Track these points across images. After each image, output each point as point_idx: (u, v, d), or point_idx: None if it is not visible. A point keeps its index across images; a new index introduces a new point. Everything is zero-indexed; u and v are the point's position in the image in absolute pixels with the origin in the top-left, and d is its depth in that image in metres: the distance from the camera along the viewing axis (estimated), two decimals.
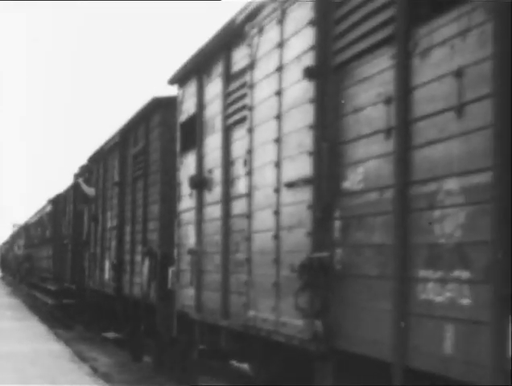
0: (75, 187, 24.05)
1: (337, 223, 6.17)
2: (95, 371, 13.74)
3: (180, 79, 10.95)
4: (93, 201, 19.74)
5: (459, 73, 4.69)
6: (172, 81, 11.29)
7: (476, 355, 4.44)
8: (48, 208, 32.44)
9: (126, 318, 15.59)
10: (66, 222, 26.61)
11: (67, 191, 26.43)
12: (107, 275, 16.86)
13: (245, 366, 9.84)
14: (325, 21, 6.36)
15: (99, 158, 18.88)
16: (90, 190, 19.95)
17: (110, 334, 17.39)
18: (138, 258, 13.85)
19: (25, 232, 49.20)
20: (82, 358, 15.39)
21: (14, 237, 61.89)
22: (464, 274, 4.60)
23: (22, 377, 12.25)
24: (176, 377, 12.64)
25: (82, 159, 20.90)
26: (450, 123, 4.77)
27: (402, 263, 5.20)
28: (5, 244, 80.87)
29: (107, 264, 16.90)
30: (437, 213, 4.88)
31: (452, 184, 4.75)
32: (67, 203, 26.34)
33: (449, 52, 4.81)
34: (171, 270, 11.63)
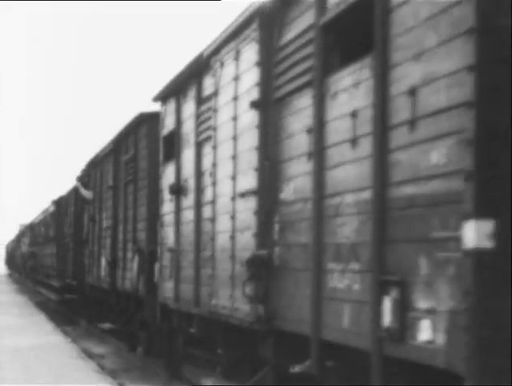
0: (76, 190, 25.51)
1: (276, 227, 7.65)
2: (102, 368, 14.74)
3: (162, 97, 12.43)
4: (92, 203, 21.22)
5: (354, 114, 6.15)
6: (156, 99, 12.76)
7: (363, 327, 5.90)
8: (52, 209, 33.92)
9: (120, 310, 17.07)
10: (68, 222, 28.08)
11: (68, 194, 27.90)
12: (103, 271, 18.35)
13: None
14: (267, 63, 7.83)
15: (96, 163, 20.36)
16: (88, 194, 21.42)
17: (106, 326, 18.90)
18: (130, 255, 15.33)
19: (30, 231, 50.71)
20: (88, 354, 16.47)
21: (20, 236, 63.41)
22: (356, 266, 6.06)
23: (30, 374, 13.27)
24: (164, 365, 14.03)
25: (84, 160, 22.25)
26: (347, 151, 6.23)
27: (317, 258, 6.67)
28: (12, 242, 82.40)
29: (103, 261, 18.40)
30: (340, 220, 6.35)
31: (349, 198, 6.21)
32: (68, 204, 27.80)
33: (348, 97, 6.27)
34: (156, 266, 13.08)
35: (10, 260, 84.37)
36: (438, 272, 4.97)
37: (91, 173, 21.69)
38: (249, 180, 8.09)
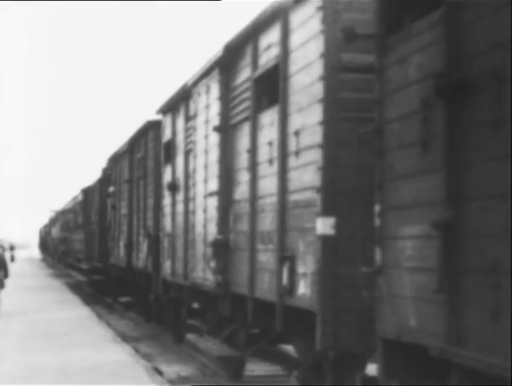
0: (101, 181, 28.57)
1: (231, 219, 10.56)
2: (117, 333, 17.58)
3: (163, 111, 15.37)
4: (113, 194, 24.25)
5: (270, 143, 9.01)
6: (158, 111, 15.71)
7: (273, 287, 8.79)
8: (80, 197, 37.06)
9: (135, 286, 20.09)
10: (94, 210, 31.15)
11: (95, 184, 30.95)
12: (122, 252, 21.38)
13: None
14: (225, 98, 10.72)
15: (116, 159, 23.39)
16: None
17: (124, 299, 21.97)
18: (141, 239, 18.32)
19: (61, 217, 54.01)
20: (108, 324, 19.34)
21: (52, 222, 66.84)
22: (271, 247, 8.95)
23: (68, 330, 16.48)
24: (171, 333, 16.91)
25: (108, 151, 25.19)
26: (267, 168, 9.10)
27: (251, 241, 9.57)
28: (45, 227, 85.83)
29: (121, 244, 21.43)
30: (263, 215, 9.24)
31: (268, 200, 9.08)
32: (95, 193, 30.87)
33: (268, 131, 9.13)
34: (161, 248, 16.03)
35: (44, 245, 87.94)
36: (307, 249, 7.86)
37: (112, 167, 24.71)
38: (214, 184, 11.02)
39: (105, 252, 27.10)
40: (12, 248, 64.37)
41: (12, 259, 57.53)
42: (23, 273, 41.18)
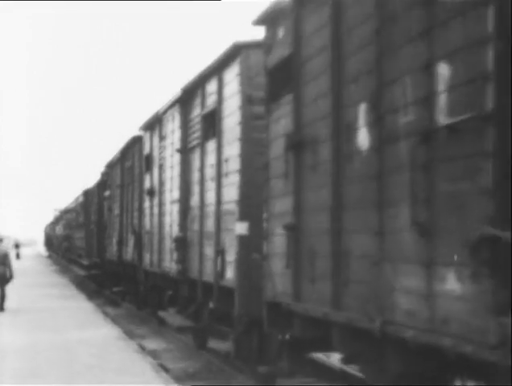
0: (99, 185, 31.68)
1: (188, 221, 13.69)
2: (113, 320, 20.63)
3: (143, 129, 18.51)
4: (109, 197, 27.40)
5: (212, 165, 12.13)
6: (140, 128, 18.83)
7: (212, 272, 11.90)
8: (81, 199, 40.21)
9: (126, 277, 23.23)
10: (93, 211, 34.28)
11: (94, 187, 34.07)
12: (114, 248, 24.53)
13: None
14: (185, 127, 13.84)
15: (111, 166, 26.53)
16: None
17: (116, 289, 25.13)
18: (129, 236, 21.44)
19: (65, 216, 57.17)
20: (105, 313, 22.42)
21: (57, 220, 70.01)
22: (212, 242, 12.07)
23: (71, 317, 19.60)
24: (151, 312, 19.97)
25: (111, 152, 28.01)
26: (210, 184, 12.22)
27: (200, 238, 12.69)
28: (50, 225, 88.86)
29: (114, 241, 24.58)
30: (208, 218, 12.36)
31: (211, 208, 12.19)
32: (93, 196, 33.99)
33: (210, 156, 12.24)
34: (143, 243, 19.14)
35: (49, 243, 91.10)
36: (231, 244, 10.97)
37: (109, 173, 27.86)
38: (176, 193, 14.15)
39: (102, 248, 30.14)
40: (17, 245, 66.73)
41: (18, 256, 59.76)
42: (29, 270, 43.58)
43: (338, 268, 7.02)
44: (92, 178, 36.31)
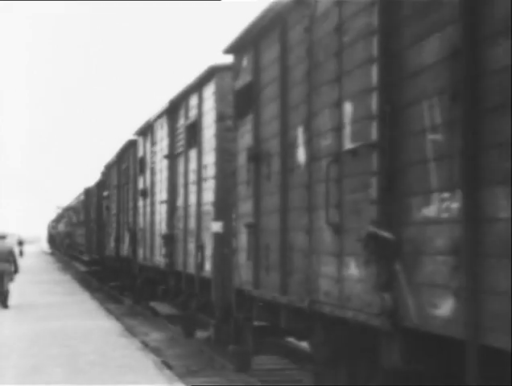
0: (98, 185, 33.29)
1: (175, 220, 15.28)
2: (110, 312, 22.33)
3: (138, 133, 20.11)
4: (107, 197, 29.00)
5: (193, 170, 13.73)
6: (135, 134, 20.44)
7: (193, 265, 13.50)
8: (82, 197, 41.84)
9: (122, 271, 24.85)
10: (93, 209, 35.90)
11: (93, 187, 35.69)
12: (112, 245, 26.15)
13: None
14: (172, 135, 15.44)
15: (110, 167, 28.14)
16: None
17: (113, 283, 26.76)
18: (126, 233, 23.04)
19: (66, 213, 58.81)
20: (103, 306, 24.06)
21: (59, 218, 71.69)
22: (193, 239, 13.67)
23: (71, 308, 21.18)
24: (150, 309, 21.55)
25: (112, 152, 29.25)
26: (193, 187, 13.82)
27: (185, 235, 14.29)
28: (52, 222, 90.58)
29: (112, 238, 26.20)
30: (190, 218, 13.96)
31: (192, 208, 13.80)
32: (93, 195, 35.61)
33: (193, 162, 13.84)
34: (137, 239, 20.75)
35: (52, 240, 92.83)
36: (209, 241, 12.57)
37: (107, 173, 29.47)
38: (164, 194, 15.75)
39: (102, 245, 31.78)
40: (21, 243, 68.05)
41: (21, 253, 60.98)
42: (32, 267, 44.80)
43: (284, 260, 8.61)
44: (93, 177, 37.84)
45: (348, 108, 6.74)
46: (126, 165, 23.29)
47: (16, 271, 21.31)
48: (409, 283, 5.78)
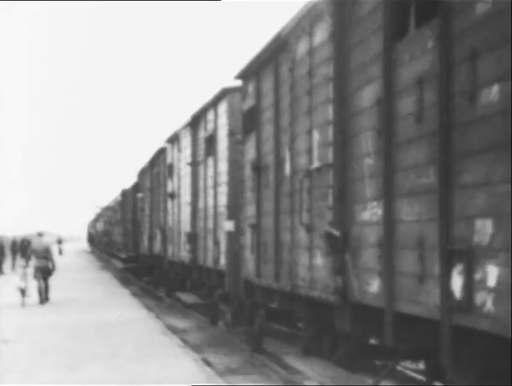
0: (134, 187, 35.51)
1: (197, 219, 17.34)
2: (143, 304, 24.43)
3: (167, 141, 22.20)
4: (141, 199, 31.19)
5: (211, 176, 15.77)
6: (165, 141, 22.54)
7: (212, 260, 15.54)
8: (119, 198, 44.16)
9: (155, 267, 27.01)
10: (129, 210, 38.15)
11: (129, 189, 37.94)
12: (145, 243, 28.32)
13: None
14: (195, 145, 17.48)
15: (144, 172, 30.32)
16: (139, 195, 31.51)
17: (145, 279, 28.94)
18: (157, 232, 25.17)
19: (105, 213, 61.27)
20: (135, 296, 26.23)
21: (98, 217, 74.28)
22: (211, 237, 15.70)
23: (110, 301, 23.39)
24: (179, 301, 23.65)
25: (148, 155, 30.80)
26: (211, 190, 15.85)
27: (205, 233, 16.32)
28: (92, 221, 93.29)
29: (145, 237, 28.36)
30: (209, 218, 16.00)
31: (211, 210, 15.84)
32: (129, 197, 37.85)
33: (210, 168, 15.88)
34: (167, 237, 22.83)
35: (91, 238, 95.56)
36: (223, 238, 14.57)
37: (141, 177, 31.65)
38: (188, 197, 17.82)
39: (136, 243, 33.97)
40: (60, 241, 70.41)
41: (60, 252, 63.06)
42: (71, 266, 46.61)
43: (277, 254, 10.60)
44: (129, 180, 40.06)
45: (315, 135, 8.71)
46: (158, 170, 25.41)
47: (53, 268, 21.61)
48: (354, 269, 7.74)
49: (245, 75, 12.48)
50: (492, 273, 5.26)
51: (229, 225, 14.18)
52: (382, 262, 7.04)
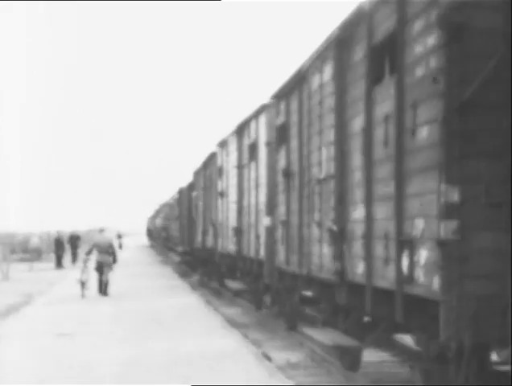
0: (189, 186, 38.22)
1: (242, 215, 19.86)
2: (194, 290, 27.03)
3: (218, 145, 24.77)
4: (196, 197, 33.87)
5: (256, 181, 18.28)
6: (216, 145, 25.11)
7: (255, 250, 18.02)
8: (176, 196, 46.99)
9: (208, 261, 29.64)
10: (185, 207, 40.87)
11: (185, 188, 40.66)
12: (199, 238, 30.98)
13: None
14: (240, 150, 19.99)
15: (198, 173, 33.00)
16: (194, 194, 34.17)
17: (200, 270, 31.59)
18: (210, 227, 27.78)
19: (163, 209, 64.31)
20: (191, 286, 28.85)
21: (157, 213, 77.43)
22: (254, 230, 18.19)
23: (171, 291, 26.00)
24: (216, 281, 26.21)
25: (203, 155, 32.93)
26: (253, 195, 18.35)
27: (248, 227, 18.82)
28: (151, 217, 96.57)
29: (199, 232, 31.02)
30: (251, 214, 18.51)
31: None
32: (185, 195, 40.58)
33: (253, 172, 18.38)
34: (218, 232, 25.41)
35: (150, 233, 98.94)
36: (262, 232, 17.03)
37: (196, 177, 34.34)
38: (234, 196, 20.35)
39: (191, 238, 36.65)
40: (120, 236, 73.05)
41: (120, 246, 65.41)
42: (130, 260, 48.72)
43: (301, 246, 13.02)
44: (186, 179, 42.63)
45: (324, 151, 11.14)
46: (210, 171, 28.00)
47: (115, 261, 22.67)
48: (349, 256, 10.15)
49: (278, 95, 14.92)
50: (422, 256, 7.63)
51: (266, 221, 16.64)
52: (364, 250, 9.44)
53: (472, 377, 7.23)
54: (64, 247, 43.55)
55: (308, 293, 14.04)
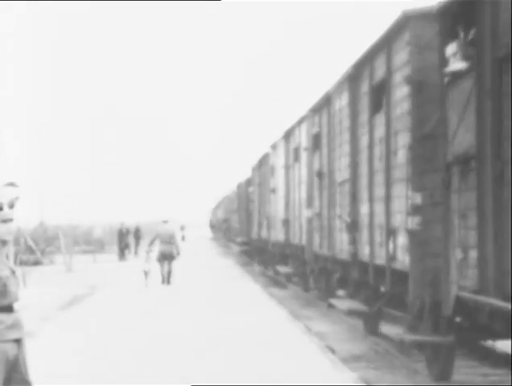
0: (246, 182, 41.53)
1: (289, 209, 23.10)
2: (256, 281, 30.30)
3: (271, 147, 27.99)
4: (252, 192, 37.17)
5: (300, 179, 21.51)
6: (269, 147, 28.34)
7: (299, 238, 21.26)
8: (235, 189, 50.43)
9: (263, 249, 32.89)
10: (242, 200, 44.21)
11: (243, 183, 44.02)
12: (255, 229, 34.28)
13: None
14: (286, 153, 23.20)
15: (254, 170, 36.31)
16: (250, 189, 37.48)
17: (256, 259, 34.85)
18: (264, 220, 31.04)
19: (224, 201, 67.83)
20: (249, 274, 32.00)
21: (219, 205, 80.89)
22: (298, 221, 21.40)
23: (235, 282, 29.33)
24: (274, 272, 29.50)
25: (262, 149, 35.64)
26: (301, 186, 21.57)
27: (294, 219, 22.04)
28: (213, 209, 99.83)
29: (255, 223, 34.32)
30: (295, 208, 21.74)
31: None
32: (243, 189, 43.94)
33: (297, 172, 21.59)
34: (270, 224, 28.67)
35: (212, 225, 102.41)
36: (304, 222, 20.24)
37: (252, 174, 37.67)
38: (283, 191, 23.59)
39: (249, 229, 39.91)
40: (182, 228, 74.81)
41: (183, 238, 66.94)
42: (193, 251, 50.12)
43: (329, 234, 16.19)
44: (244, 174, 45.62)
45: (343, 160, 14.30)
46: (264, 169, 31.28)
47: (178, 253, 22.57)
48: (360, 241, 13.30)
49: (313, 109, 18.11)
50: (400, 241, 10.76)
51: (307, 213, 19.83)
52: (369, 237, 12.58)
53: (430, 325, 10.30)
54: (127, 238, 43.23)
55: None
